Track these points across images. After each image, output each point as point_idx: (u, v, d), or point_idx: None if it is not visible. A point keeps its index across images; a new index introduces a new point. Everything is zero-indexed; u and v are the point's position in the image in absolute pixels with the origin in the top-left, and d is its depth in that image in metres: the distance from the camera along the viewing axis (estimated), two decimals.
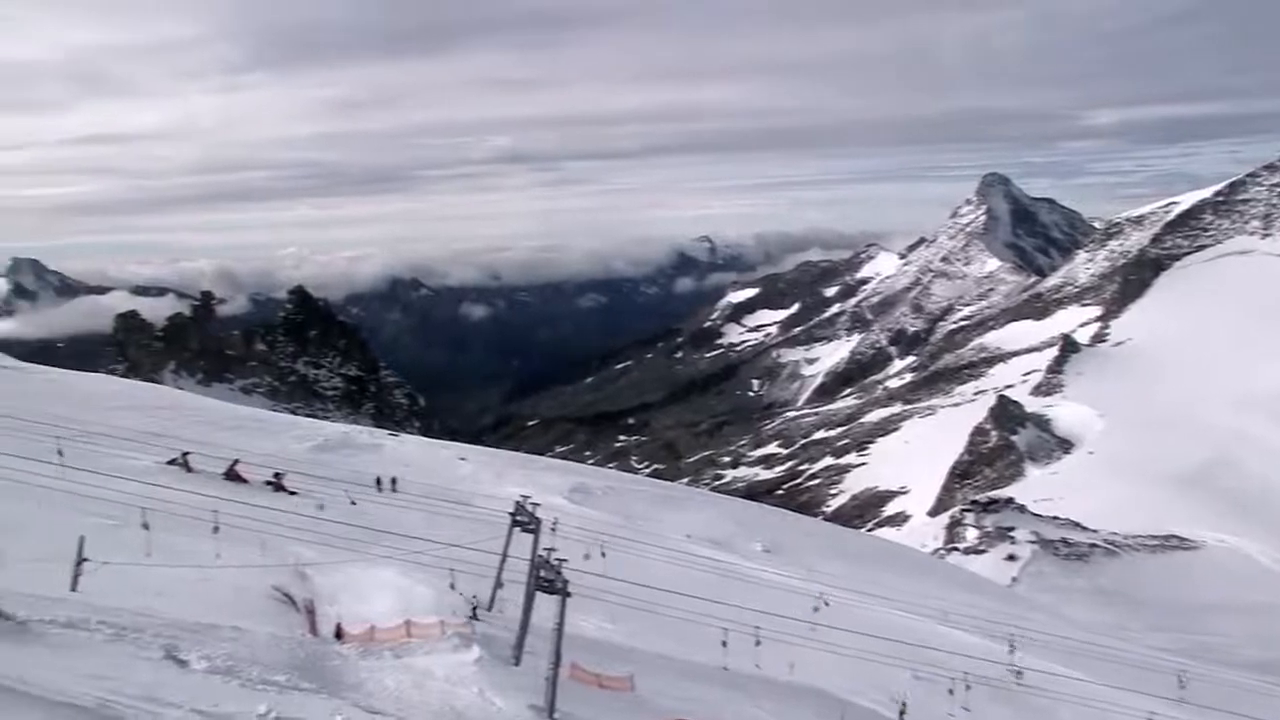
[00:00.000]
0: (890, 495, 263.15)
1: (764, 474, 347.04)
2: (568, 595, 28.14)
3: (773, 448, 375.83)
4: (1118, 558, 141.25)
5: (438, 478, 69.32)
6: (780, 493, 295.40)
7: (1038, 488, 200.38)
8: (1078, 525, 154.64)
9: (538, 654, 30.84)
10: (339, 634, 33.74)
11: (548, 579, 28.87)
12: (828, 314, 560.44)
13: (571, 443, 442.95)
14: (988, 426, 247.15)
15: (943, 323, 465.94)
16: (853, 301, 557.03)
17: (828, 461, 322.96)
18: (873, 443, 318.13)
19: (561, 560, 29.02)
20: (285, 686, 24.04)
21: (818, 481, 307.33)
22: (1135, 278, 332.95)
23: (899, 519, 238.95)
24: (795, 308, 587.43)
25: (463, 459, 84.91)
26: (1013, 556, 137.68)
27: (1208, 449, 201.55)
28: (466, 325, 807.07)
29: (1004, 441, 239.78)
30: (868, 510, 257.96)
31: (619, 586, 40.49)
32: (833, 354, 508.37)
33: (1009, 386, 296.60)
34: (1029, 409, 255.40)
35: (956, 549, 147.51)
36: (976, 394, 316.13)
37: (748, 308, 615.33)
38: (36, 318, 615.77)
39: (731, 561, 62.99)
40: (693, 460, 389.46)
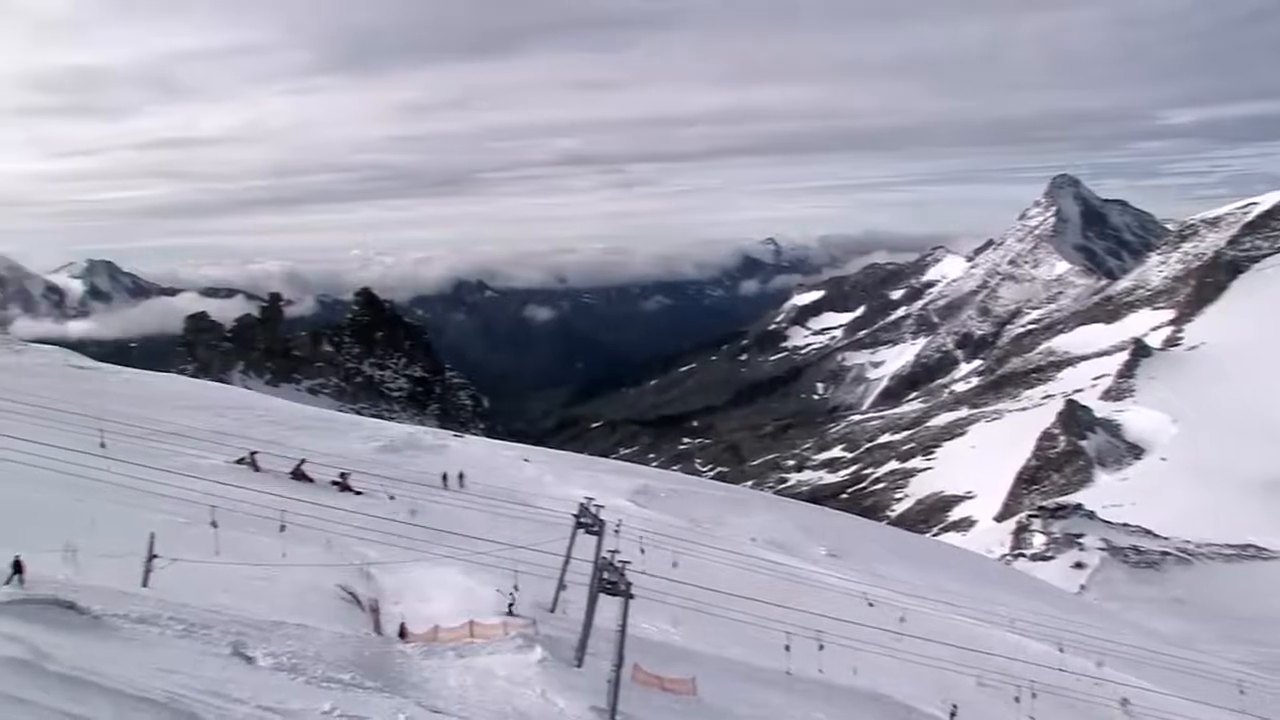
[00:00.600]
0: (956, 500, 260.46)
1: (828, 478, 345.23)
2: (630, 597, 28.03)
3: (837, 451, 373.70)
4: (1191, 567, 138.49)
5: (502, 479, 69.56)
6: (844, 497, 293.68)
7: (1107, 494, 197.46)
8: (1149, 533, 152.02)
9: (600, 656, 30.79)
10: (403, 633, 33.93)
11: (611, 581, 28.79)
12: (893, 317, 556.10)
13: (635, 445, 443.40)
14: (1056, 431, 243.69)
15: (1010, 326, 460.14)
16: (919, 305, 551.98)
17: (892, 465, 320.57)
18: (938, 447, 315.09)
19: (624, 562, 28.93)
20: (349, 685, 24.20)
21: (882, 485, 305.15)
22: (1210, 280, 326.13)
23: (965, 524, 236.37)
24: (860, 310, 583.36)
25: (527, 460, 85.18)
26: (1080, 564, 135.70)
27: None
28: (531, 327, 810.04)
29: (1072, 447, 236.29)
30: (933, 515, 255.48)
31: (682, 589, 40.35)
32: (898, 357, 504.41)
33: (1078, 391, 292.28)
34: (1098, 414, 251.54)
35: (1023, 555, 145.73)
36: (1044, 398, 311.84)
37: (813, 310, 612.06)
38: (111, 319, 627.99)
39: (795, 565, 62.61)
40: (757, 463, 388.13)
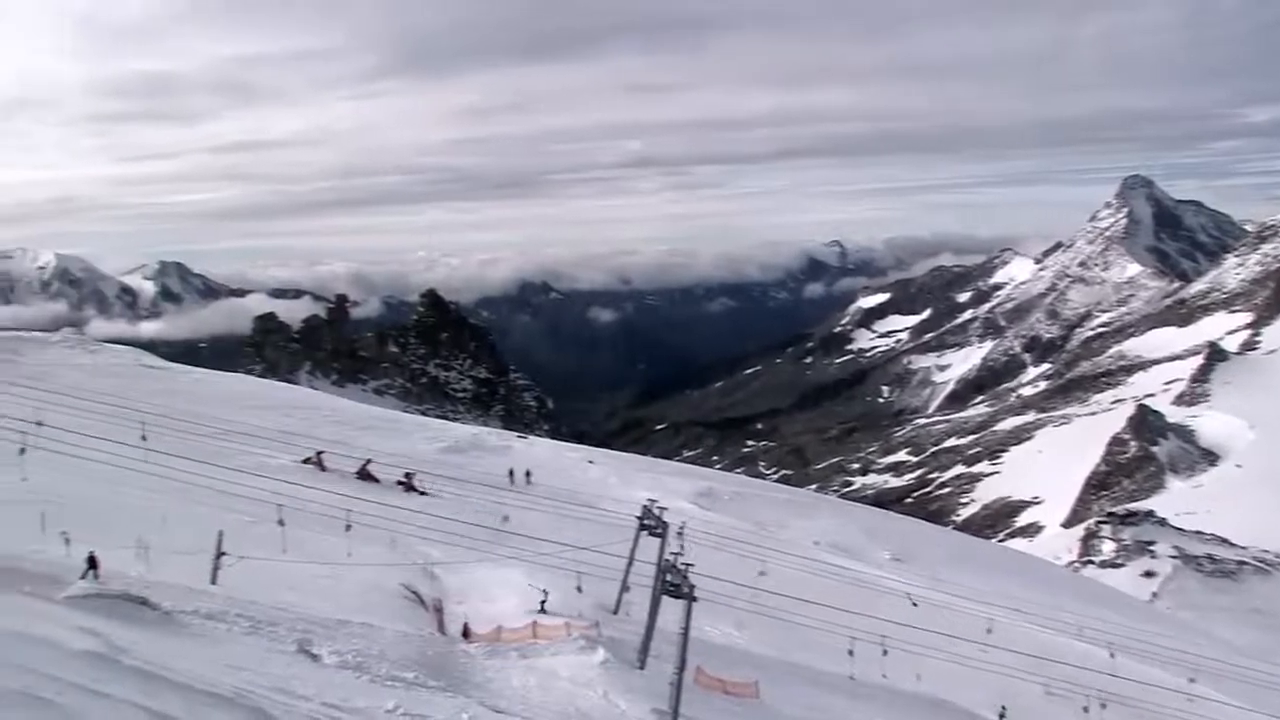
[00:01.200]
0: (1023, 505, 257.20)
1: (893, 481, 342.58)
2: (694, 600, 27.91)
3: (902, 455, 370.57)
4: (1270, 577, 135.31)
5: (566, 480, 69.72)
6: (909, 501, 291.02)
7: (1180, 501, 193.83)
8: (1224, 541, 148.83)
9: (663, 658, 30.71)
10: (466, 633, 34.09)
11: (674, 583, 28.69)
12: (960, 320, 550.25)
13: (699, 448, 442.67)
14: (1126, 436, 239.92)
15: (1079, 329, 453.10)
16: (986, 307, 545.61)
17: (958, 470, 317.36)
18: (1005, 451, 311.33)
19: (688, 565, 28.82)
20: (413, 684, 24.34)
21: (948, 490, 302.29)
22: None
23: (1031, 530, 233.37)
24: (927, 313, 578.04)
25: (590, 462, 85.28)
26: (1151, 572, 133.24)
27: None
28: (595, 329, 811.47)
29: (1144, 452, 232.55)
30: (999, 520, 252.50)
31: (745, 592, 40.14)
32: (964, 360, 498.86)
33: (1149, 395, 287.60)
34: (1171, 419, 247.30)
35: (1092, 562, 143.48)
36: (1114, 403, 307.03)
37: (878, 313, 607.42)
38: (181, 319, 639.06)
39: (859, 569, 62.11)
40: (821, 467, 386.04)
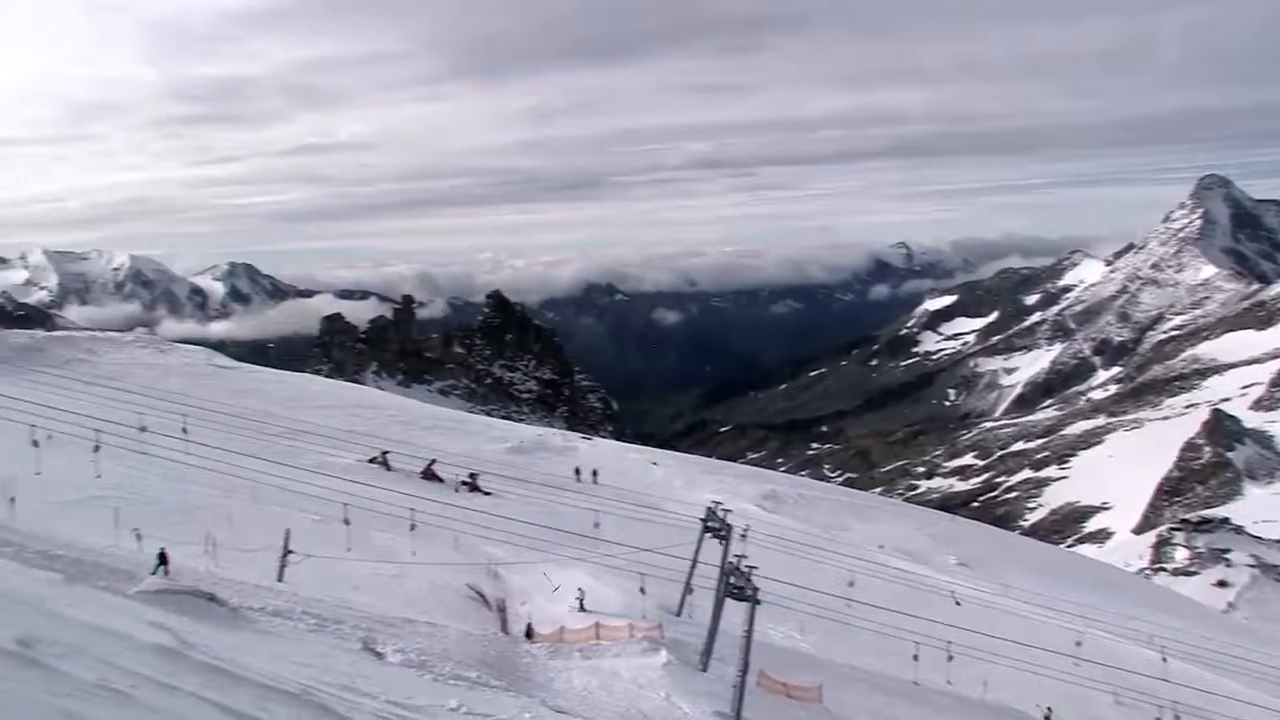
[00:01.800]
0: (1092, 511, 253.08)
1: (959, 485, 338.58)
2: (757, 603, 27.80)
3: (968, 459, 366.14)
4: None
5: (630, 482, 69.80)
6: (975, 505, 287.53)
7: (1257, 508, 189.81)
8: None
9: (726, 661, 30.63)
10: (529, 633, 34.24)
11: (738, 586, 28.59)
12: (1028, 322, 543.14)
13: (764, 450, 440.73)
14: (1200, 441, 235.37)
15: (1151, 332, 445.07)
16: (1054, 310, 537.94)
17: (1026, 474, 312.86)
18: (1074, 456, 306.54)
19: (751, 567, 28.72)
20: (476, 683, 24.48)
21: (1015, 494, 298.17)
22: None
23: (1101, 536, 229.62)
24: (994, 316, 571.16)
25: (655, 464, 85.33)
26: (1225, 581, 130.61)
27: None
28: (660, 330, 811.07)
29: (1219, 458, 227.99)
30: (1067, 526, 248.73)
31: (808, 596, 39.93)
32: (1033, 364, 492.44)
33: (1225, 400, 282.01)
34: (1247, 424, 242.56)
35: (1164, 570, 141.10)
36: (1188, 407, 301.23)
37: (945, 315, 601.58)
38: (250, 319, 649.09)
39: (925, 574, 61.53)
40: (886, 470, 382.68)
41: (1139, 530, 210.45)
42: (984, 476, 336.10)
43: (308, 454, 51.38)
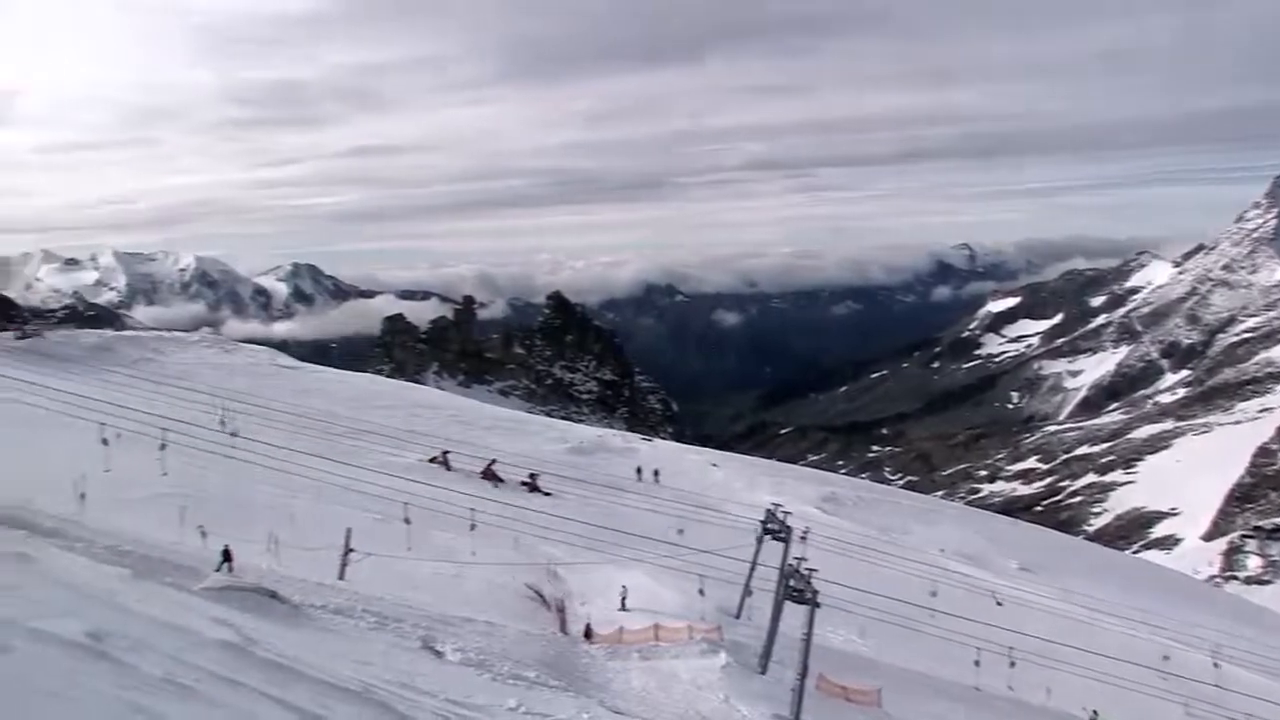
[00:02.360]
0: (1159, 516, 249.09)
1: (1021, 489, 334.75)
2: (817, 606, 27.66)
3: (1031, 462, 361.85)
4: None
5: (690, 483, 69.74)
6: (1039, 510, 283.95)
7: None
8: None
9: (784, 663, 30.50)
10: (588, 634, 34.30)
11: (797, 588, 28.46)
12: (1093, 325, 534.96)
13: (824, 452, 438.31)
14: (1274, 447, 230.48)
15: (1222, 335, 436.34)
16: (1121, 312, 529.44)
17: (1090, 479, 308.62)
18: (1140, 460, 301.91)
19: (811, 570, 28.58)
20: (534, 682, 24.55)
21: (1079, 499, 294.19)
22: None
23: (1168, 542, 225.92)
24: (1058, 318, 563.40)
25: (714, 465, 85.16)
26: None
27: None
28: (720, 331, 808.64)
29: None
30: (1133, 531, 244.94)
31: (868, 599, 39.66)
32: (1098, 366, 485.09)
33: None
34: None
35: (1235, 578, 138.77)
36: (1261, 411, 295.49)
37: (1008, 317, 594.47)
38: (313, 320, 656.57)
39: (986, 578, 60.87)
40: (948, 473, 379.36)
41: (1208, 537, 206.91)
42: (1047, 481, 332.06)
43: (369, 454, 51.89)
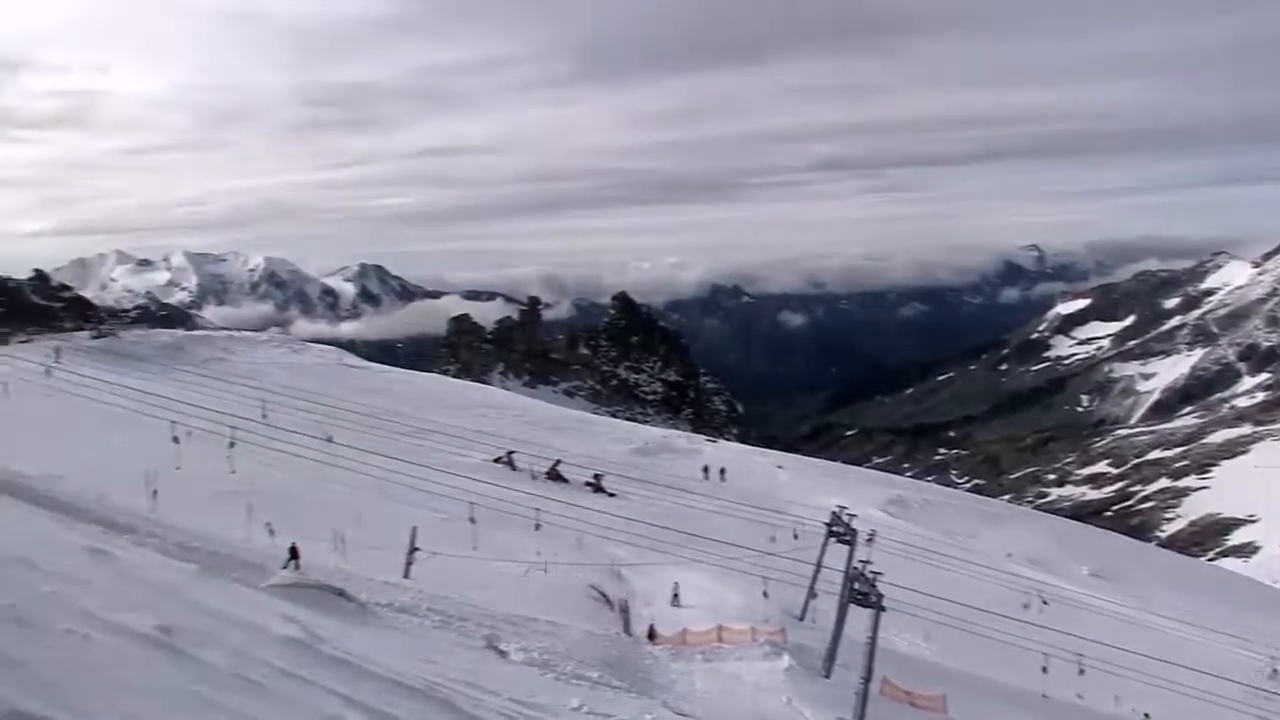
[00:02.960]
0: (1236, 523, 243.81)
1: (1091, 494, 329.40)
2: (882, 609, 27.40)
3: (1102, 466, 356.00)
4: None
5: (755, 485, 69.52)
6: (1109, 515, 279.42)
7: None
8: None
9: (849, 667, 30.25)
10: (651, 635, 34.25)
11: (862, 592, 28.22)
12: (1166, 326, 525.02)
13: (890, 454, 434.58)
14: None
15: None
16: (1195, 313, 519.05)
17: (1163, 484, 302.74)
18: (1216, 465, 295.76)
19: (876, 573, 28.33)
20: (597, 683, 24.54)
21: (1151, 504, 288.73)
22: None
23: (1246, 550, 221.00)
24: (1130, 320, 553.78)
25: (780, 467, 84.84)
26: None
27: None
28: (786, 333, 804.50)
29: None
30: (1209, 538, 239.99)
31: (934, 603, 39.24)
32: (1171, 369, 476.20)
33: None
34: None
35: None
36: None
37: (1078, 319, 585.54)
38: (379, 320, 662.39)
39: (1055, 584, 59.98)
40: (1016, 477, 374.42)
41: None
42: (1118, 485, 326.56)
43: (435, 453, 52.28)
